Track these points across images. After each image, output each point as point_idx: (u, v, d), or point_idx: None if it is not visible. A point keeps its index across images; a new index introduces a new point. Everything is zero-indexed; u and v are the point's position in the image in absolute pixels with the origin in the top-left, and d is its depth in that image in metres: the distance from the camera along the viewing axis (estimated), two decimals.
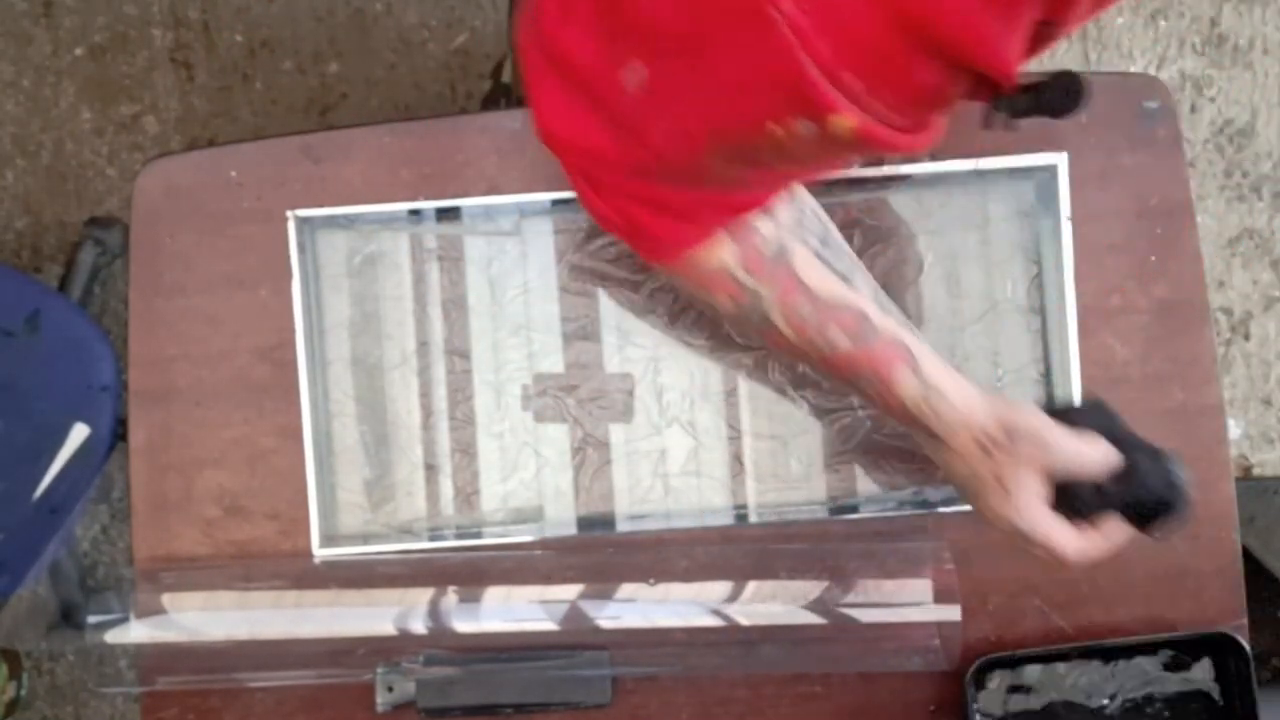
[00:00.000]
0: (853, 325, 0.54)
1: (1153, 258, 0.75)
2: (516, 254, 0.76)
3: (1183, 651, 0.74)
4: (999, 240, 0.76)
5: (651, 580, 0.73)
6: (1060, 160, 0.72)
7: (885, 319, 0.56)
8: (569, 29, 0.43)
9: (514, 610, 0.74)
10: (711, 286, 0.54)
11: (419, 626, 0.73)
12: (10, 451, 1.01)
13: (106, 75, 1.42)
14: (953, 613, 0.72)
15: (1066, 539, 0.57)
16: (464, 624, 0.73)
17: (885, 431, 0.75)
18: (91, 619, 0.73)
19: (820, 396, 0.75)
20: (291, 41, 1.42)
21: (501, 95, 0.97)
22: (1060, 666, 0.74)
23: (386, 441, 0.76)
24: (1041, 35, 0.40)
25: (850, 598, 0.73)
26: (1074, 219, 0.72)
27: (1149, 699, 0.74)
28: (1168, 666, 0.74)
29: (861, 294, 0.56)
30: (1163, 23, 1.42)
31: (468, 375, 0.76)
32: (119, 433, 1.03)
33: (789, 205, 0.54)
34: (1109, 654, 0.73)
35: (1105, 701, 0.74)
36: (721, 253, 0.52)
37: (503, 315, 0.76)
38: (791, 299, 0.54)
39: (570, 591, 0.73)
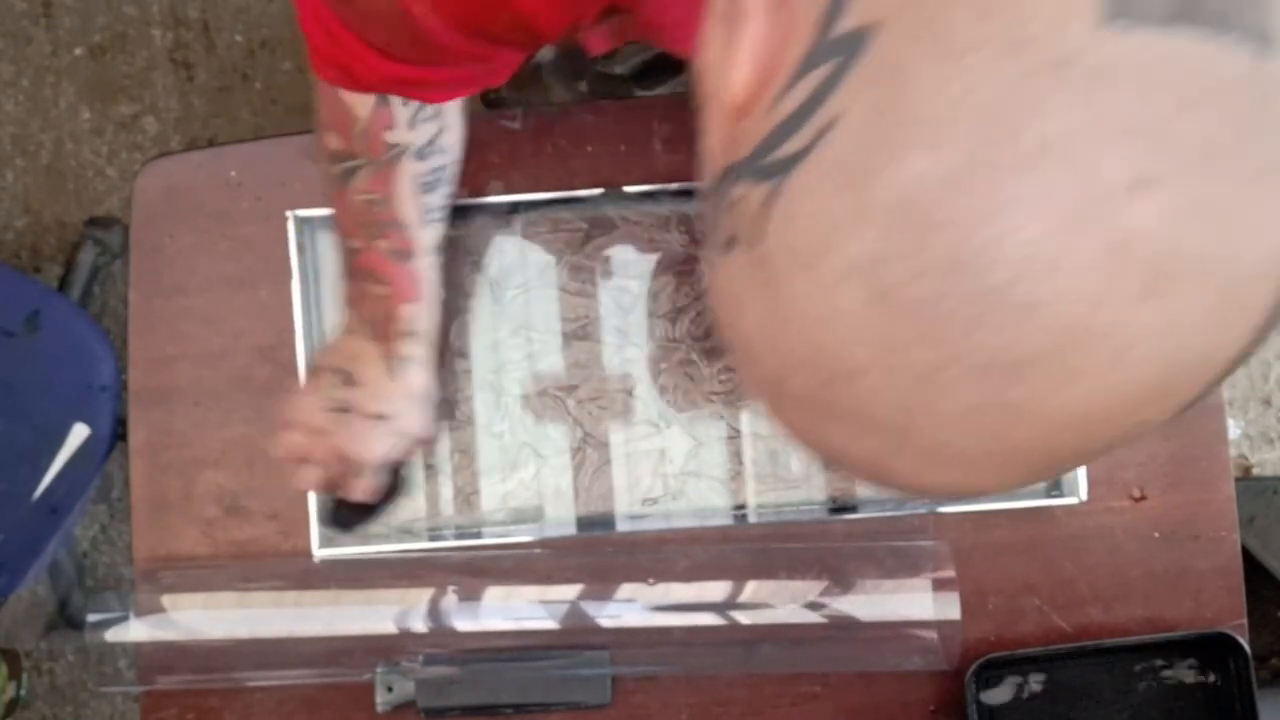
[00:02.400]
0: (399, 246, 0.62)
1: None
2: (516, 254, 0.76)
3: (1183, 651, 0.74)
4: None
5: (651, 580, 0.73)
6: None
7: (424, 269, 0.64)
8: None
9: (514, 610, 0.74)
10: (337, 125, 0.58)
11: (419, 626, 0.73)
12: (10, 451, 1.01)
13: (106, 75, 1.42)
14: (953, 612, 0.72)
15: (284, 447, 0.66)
16: (464, 624, 0.73)
17: None
18: (91, 619, 0.73)
19: None
20: (291, 41, 1.42)
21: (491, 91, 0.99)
22: (1060, 666, 0.74)
23: None
24: (622, 27, 0.49)
25: (850, 597, 0.73)
26: None
27: (1148, 699, 0.74)
28: (1167, 666, 0.74)
29: (425, 238, 0.63)
30: None
31: (468, 375, 0.75)
32: (119, 433, 1.03)
33: (432, 131, 0.60)
34: (1109, 654, 0.73)
35: (1105, 702, 0.74)
36: (363, 109, 0.57)
37: (503, 315, 0.76)
38: (378, 186, 0.60)
39: (570, 591, 0.73)
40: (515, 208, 0.75)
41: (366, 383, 0.64)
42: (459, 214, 0.75)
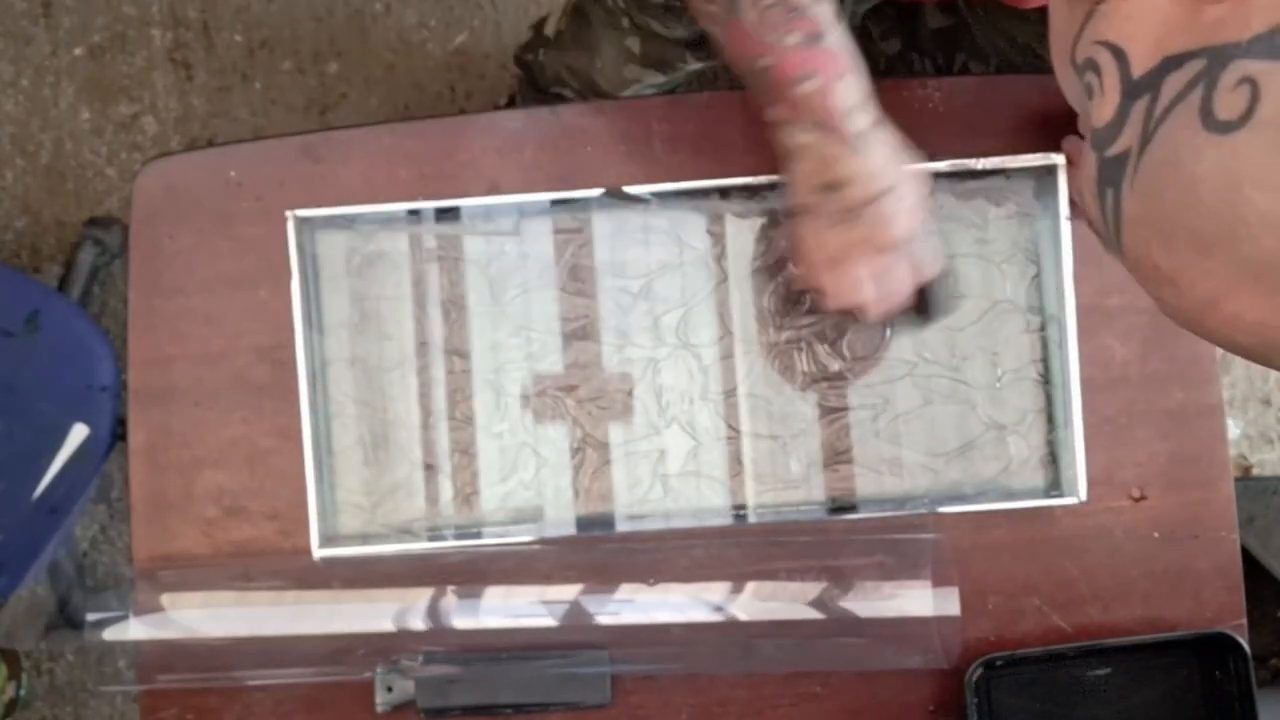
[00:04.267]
0: (811, 30, 0.60)
1: None
2: (516, 254, 0.76)
3: (1182, 651, 0.74)
4: (999, 240, 0.76)
5: (651, 580, 0.73)
6: (1060, 160, 0.72)
7: (837, 42, 0.61)
8: None
9: (513, 609, 0.74)
10: None
11: (418, 625, 0.73)
12: (10, 451, 1.01)
13: (105, 75, 1.42)
14: (952, 609, 0.72)
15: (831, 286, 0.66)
16: (463, 623, 0.73)
17: (885, 432, 0.75)
18: (90, 618, 0.73)
19: (821, 396, 0.75)
20: (291, 41, 1.42)
21: (540, 45, 0.98)
22: (1060, 666, 0.74)
23: (386, 441, 0.76)
24: None
25: (849, 597, 0.73)
26: (1074, 219, 0.72)
27: (1148, 699, 0.74)
28: (1167, 666, 0.74)
29: (828, 12, 0.61)
30: None
31: (467, 375, 0.75)
32: (118, 433, 1.03)
33: None
34: (1109, 654, 0.73)
35: (1105, 702, 0.74)
36: None
37: (502, 315, 0.76)
38: None
39: (570, 591, 0.73)
40: (515, 208, 0.75)
41: (850, 176, 0.62)
42: (458, 215, 0.75)
